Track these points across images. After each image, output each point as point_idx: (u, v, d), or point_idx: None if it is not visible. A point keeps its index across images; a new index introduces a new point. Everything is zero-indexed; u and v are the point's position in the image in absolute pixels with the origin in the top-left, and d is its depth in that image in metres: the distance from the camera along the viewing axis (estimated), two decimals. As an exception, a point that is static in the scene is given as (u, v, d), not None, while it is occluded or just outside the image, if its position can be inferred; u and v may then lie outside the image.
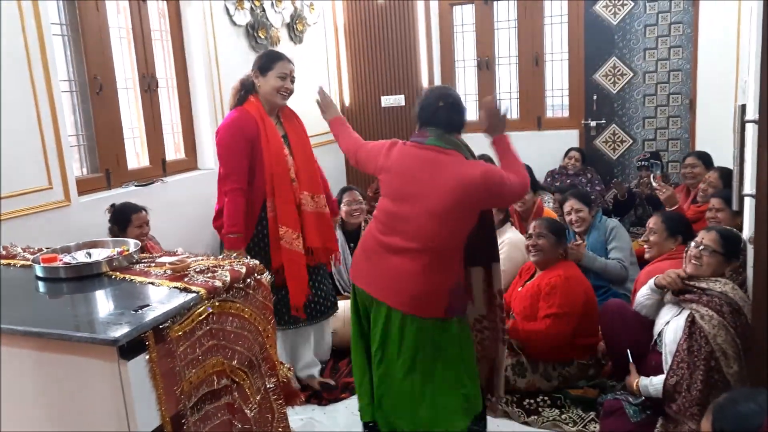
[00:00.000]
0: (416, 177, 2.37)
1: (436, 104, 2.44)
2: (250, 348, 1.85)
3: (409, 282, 2.35)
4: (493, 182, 2.31)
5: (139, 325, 1.47)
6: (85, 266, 1.87)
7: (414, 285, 2.35)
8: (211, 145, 4.52)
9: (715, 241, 2.66)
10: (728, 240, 2.66)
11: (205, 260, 1.92)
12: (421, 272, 2.34)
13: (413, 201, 2.36)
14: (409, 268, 2.35)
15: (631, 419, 2.67)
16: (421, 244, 2.34)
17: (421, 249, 2.34)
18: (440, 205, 2.31)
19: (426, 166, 2.36)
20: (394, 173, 2.45)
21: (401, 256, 2.37)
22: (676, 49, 5.66)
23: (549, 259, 3.23)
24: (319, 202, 3.14)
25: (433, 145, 2.39)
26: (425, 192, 2.34)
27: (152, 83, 4.16)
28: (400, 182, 2.42)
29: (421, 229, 2.33)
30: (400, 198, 2.41)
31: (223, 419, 1.74)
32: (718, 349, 2.39)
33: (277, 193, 2.98)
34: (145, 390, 1.49)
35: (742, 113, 1.88)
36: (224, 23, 4.59)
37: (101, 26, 3.77)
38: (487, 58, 6.26)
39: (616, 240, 3.88)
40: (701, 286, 2.55)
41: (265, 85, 3.00)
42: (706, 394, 2.39)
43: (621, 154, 6.02)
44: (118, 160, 3.90)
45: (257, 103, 3.01)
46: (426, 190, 2.34)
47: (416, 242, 2.34)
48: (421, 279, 2.35)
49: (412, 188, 2.38)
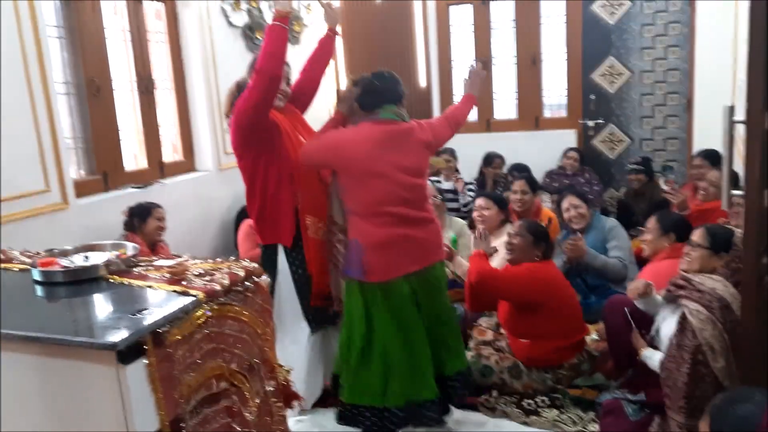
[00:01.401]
0: (389, 149, 2.67)
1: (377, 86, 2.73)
2: (249, 351, 1.84)
3: (431, 231, 2.77)
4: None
5: (137, 330, 1.46)
6: (83, 270, 1.86)
7: (432, 233, 2.78)
8: (209, 147, 4.52)
9: (700, 236, 2.70)
10: (714, 235, 2.68)
11: (203, 263, 1.91)
12: (429, 219, 2.77)
13: (392, 169, 2.64)
14: (423, 220, 2.73)
15: (630, 418, 2.69)
16: (423, 200, 2.77)
17: (426, 205, 2.78)
18: (415, 165, 2.71)
19: (391, 136, 2.69)
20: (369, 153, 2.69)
21: (415, 219, 2.70)
22: (673, 49, 5.67)
23: (522, 259, 3.22)
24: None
25: (383, 120, 2.69)
26: (398, 157, 2.66)
27: (149, 85, 4.15)
28: (377, 158, 2.67)
29: (418, 190, 2.73)
30: (383, 173, 2.64)
31: (223, 423, 1.73)
32: (705, 343, 2.40)
33: (302, 180, 2.86)
34: (143, 394, 1.48)
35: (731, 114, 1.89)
36: (221, 24, 4.59)
37: (98, 28, 3.77)
38: (485, 58, 6.25)
39: (616, 239, 3.87)
40: (694, 282, 2.56)
41: None
42: (692, 388, 2.40)
43: (619, 154, 6.03)
44: (116, 162, 3.90)
45: None
46: (398, 156, 2.66)
47: (421, 201, 2.75)
48: (433, 226, 2.79)
49: (386, 158, 2.65)
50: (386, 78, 2.74)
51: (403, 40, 6.00)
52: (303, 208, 2.88)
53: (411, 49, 6.03)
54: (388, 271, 2.65)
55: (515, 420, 3.00)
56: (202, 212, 4.35)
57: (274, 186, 2.87)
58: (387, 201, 2.63)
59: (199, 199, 4.33)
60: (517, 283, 3.13)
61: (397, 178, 2.63)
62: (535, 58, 6.10)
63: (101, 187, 3.78)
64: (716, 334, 2.40)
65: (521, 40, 6.13)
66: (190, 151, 4.54)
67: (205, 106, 4.47)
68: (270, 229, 2.95)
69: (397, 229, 2.64)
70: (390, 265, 2.65)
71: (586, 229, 3.96)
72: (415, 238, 2.68)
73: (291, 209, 2.88)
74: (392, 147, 2.65)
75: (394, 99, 2.71)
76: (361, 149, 2.63)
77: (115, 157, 3.89)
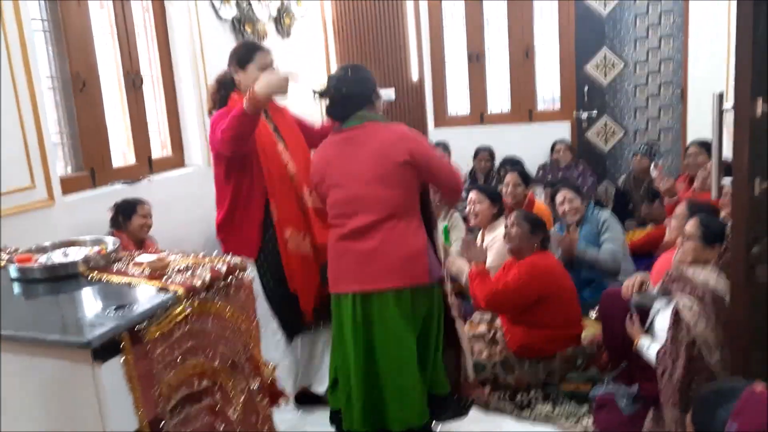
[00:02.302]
0: (346, 155, 2.46)
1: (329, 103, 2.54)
2: (232, 348, 1.81)
3: (401, 253, 2.41)
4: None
5: (113, 327, 1.43)
6: (61, 266, 1.83)
7: (405, 253, 2.41)
8: (198, 142, 4.47)
9: (693, 226, 2.67)
10: (707, 226, 2.65)
11: (185, 259, 1.87)
12: (401, 238, 2.40)
13: (352, 179, 2.44)
14: (389, 238, 2.40)
15: (623, 411, 2.68)
16: (383, 212, 2.40)
17: (385, 217, 2.40)
18: (377, 169, 2.40)
19: (349, 143, 2.47)
20: (327, 165, 2.53)
21: (370, 233, 2.41)
22: (667, 39, 5.62)
23: (522, 248, 3.22)
24: (317, 197, 2.96)
25: (346, 128, 2.49)
26: (360, 165, 2.43)
27: (137, 80, 4.10)
28: (336, 167, 2.49)
29: (377, 198, 2.40)
30: (341, 184, 2.47)
31: (205, 421, 1.70)
32: (699, 337, 2.40)
33: (277, 192, 2.81)
34: (121, 393, 1.45)
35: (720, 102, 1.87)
36: (210, 18, 4.53)
37: (83, 22, 3.71)
38: (478, 51, 6.21)
39: (609, 231, 3.84)
40: (687, 274, 2.54)
41: (246, 79, 2.80)
42: (687, 382, 2.40)
43: (613, 146, 5.99)
44: (103, 159, 3.85)
45: (240, 99, 2.78)
46: (359, 164, 2.43)
47: (378, 213, 2.40)
48: (408, 245, 2.41)
49: (348, 167, 2.45)
50: (352, 81, 2.52)
51: (395, 33, 5.95)
52: (281, 221, 2.82)
53: (403, 42, 5.98)
54: (334, 283, 2.51)
55: (509, 415, 2.98)
56: (193, 208, 4.30)
57: (244, 198, 2.83)
58: (337, 209, 2.49)
59: (189, 195, 4.28)
60: (524, 289, 3.09)
61: (350, 186, 2.45)
62: (528, 50, 6.05)
63: (89, 184, 3.73)
64: (710, 327, 2.39)
65: (514, 33, 6.08)
66: (179, 146, 4.49)
67: (193, 100, 4.42)
68: (234, 240, 2.87)
69: (342, 241, 2.47)
70: (335, 277, 2.51)
71: (580, 222, 3.94)
72: (360, 252, 2.42)
73: (259, 221, 2.84)
74: (349, 154, 2.47)
75: (362, 103, 2.51)
76: (320, 169, 2.55)
77: (102, 153, 3.84)
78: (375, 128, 2.47)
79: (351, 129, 2.48)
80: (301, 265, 2.85)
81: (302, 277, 2.87)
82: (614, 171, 5.96)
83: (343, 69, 2.65)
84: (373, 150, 2.42)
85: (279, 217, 2.82)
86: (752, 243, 1.63)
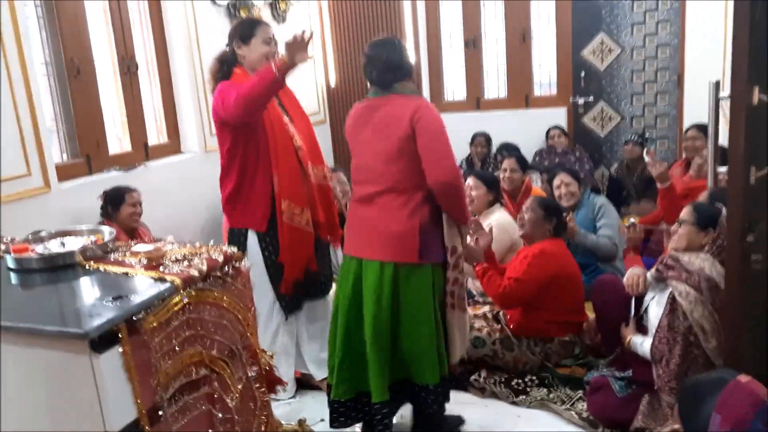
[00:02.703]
0: (363, 124, 2.53)
1: (368, 66, 2.55)
2: (229, 337, 1.81)
3: (392, 229, 2.44)
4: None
5: (110, 318, 1.43)
6: (58, 256, 1.82)
7: (396, 231, 2.43)
8: (194, 128, 4.45)
9: (687, 212, 2.68)
10: (700, 211, 2.66)
11: (181, 249, 1.87)
12: (397, 213, 2.44)
13: (366, 146, 2.52)
14: (386, 211, 2.45)
15: (617, 394, 2.70)
16: (383, 184, 2.46)
17: (384, 190, 2.46)
18: (382, 142, 2.46)
19: (369, 112, 2.53)
20: (350, 129, 2.62)
21: (372, 202, 2.49)
22: (664, 24, 5.60)
23: (535, 233, 3.24)
24: (319, 173, 2.98)
25: (372, 97, 2.55)
26: (372, 135, 2.50)
27: (131, 65, 4.08)
28: (354, 134, 2.59)
29: (379, 170, 2.47)
30: (357, 148, 2.58)
31: (203, 410, 1.71)
32: (696, 324, 2.41)
33: (281, 164, 2.82)
34: (119, 383, 1.46)
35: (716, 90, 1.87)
36: (205, 3, 4.49)
37: (77, 8, 3.69)
38: (474, 36, 6.18)
39: (606, 217, 3.86)
40: (682, 261, 2.55)
41: (251, 53, 2.83)
42: (684, 369, 2.42)
43: (609, 132, 5.99)
44: (99, 145, 3.84)
45: (244, 75, 2.82)
46: (371, 134, 2.50)
47: (380, 184, 2.47)
48: (400, 221, 2.43)
49: (362, 136, 2.54)
50: (397, 51, 2.52)
51: (391, 18, 5.92)
52: (281, 192, 2.83)
53: (400, 27, 5.95)
54: (345, 244, 2.62)
55: (504, 400, 3.00)
56: (189, 195, 4.29)
57: (252, 168, 2.83)
58: (354, 174, 2.60)
59: (186, 182, 4.27)
60: (531, 282, 3.09)
61: (362, 154, 2.56)
62: (524, 36, 6.02)
63: (84, 171, 3.73)
64: (706, 314, 2.41)
65: (510, 18, 6.05)
66: (175, 132, 4.47)
67: (189, 86, 4.39)
68: (241, 212, 2.90)
69: (354, 205, 2.59)
70: (347, 238, 2.62)
71: (576, 206, 3.96)
72: (361, 218, 2.54)
73: (267, 193, 2.85)
74: (363, 123, 2.54)
75: (400, 76, 2.51)
76: (347, 134, 2.64)
77: (98, 139, 3.82)
78: (396, 101, 2.48)
79: (373, 99, 2.54)
80: (289, 237, 2.86)
81: (290, 249, 2.88)
82: (611, 156, 5.97)
83: (391, 38, 2.67)
84: (383, 122, 2.47)
85: (279, 188, 2.83)
86: (747, 231, 1.63)
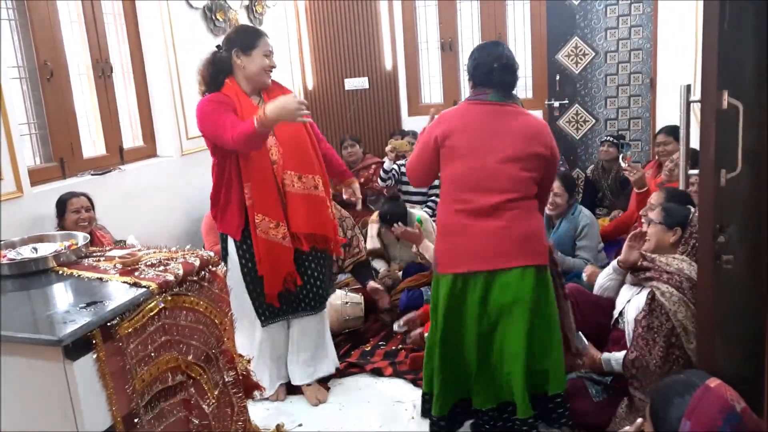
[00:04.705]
0: (488, 128, 2.42)
1: (491, 66, 2.47)
2: (206, 342, 1.80)
3: (527, 232, 2.39)
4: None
5: (84, 324, 1.42)
6: (31, 262, 1.80)
7: (530, 232, 2.40)
8: (170, 132, 4.42)
9: (656, 212, 2.71)
10: (667, 210, 2.70)
11: (157, 253, 1.86)
12: (526, 218, 2.40)
13: (492, 152, 2.39)
14: (518, 217, 2.38)
15: (593, 399, 2.69)
16: (516, 192, 2.38)
17: (518, 197, 2.38)
18: (518, 150, 2.38)
19: (495, 116, 2.44)
20: (462, 131, 2.45)
21: (502, 212, 2.37)
22: (636, 29, 5.68)
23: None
24: (308, 182, 2.88)
25: (494, 101, 2.46)
26: (501, 141, 2.39)
27: (106, 69, 4.04)
28: (472, 137, 2.43)
29: (511, 177, 2.38)
30: (475, 153, 2.41)
31: (179, 416, 1.70)
32: (678, 325, 2.41)
33: (253, 177, 2.77)
34: (93, 390, 1.44)
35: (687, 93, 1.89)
36: (180, 6, 4.47)
37: (50, 10, 3.64)
38: (450, 39, 6.21)
39: (587, 239, 3.77)
40: (660, 262, 2.57)
41: (250, 64, 2.77)
42: (665, 370, 2.41)
43: (584, 134, 6.05)
44: (73, 149, 3.79)
45: (234, 85, 2.78)
46: (501, 139, 2.39)
47: (511, 192, 2.37)
48: (531, 225, 2.41)
49: (486, 140, 2.41)
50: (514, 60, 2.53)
51: (368, 22, 5.93)
52: (252, 205, 2.79)
53: (377, 31, 5.96)
54: (449, 263, 2.43)
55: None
56: (166, 199, 4.26)
57: (227, 178, 2.81)
58: (461, 182, 2.44)
59: (162, 186, 4.24)
60: None
61: (483, 159, 2.40)
62: (500, 39, 6.06)
63: (58, 174, 3.68)
64: (689, 315, 2.40)
65: (486, 22, 6.09)
66: (151, 136, 4.43)
67: (165, 89, 4.36)
68: (221, 218, 2.89)
69: (464, 218, 2.40)
70: (454, 257, 2.42)
71: (560, 216, 3.87)
72: (486, 230, 2.37)
73: (240, 205, 2.82)
74: (491, 127, 2.44)
75: (515, 83, 2.54)
76: (452, 129, 2.50)
77: (72, 143, 3.78)
78: (518, 111, 2.47)
79: (498, 104, 2.45)
80: (267, 252, 2.82)
81: (269, 262, 2.84)
82: (585, 159, 6.03)
83: (499, 45, 2.61)
84: (520, 132, 2.41)
85: (252, 202, 2.79)
86: (717, 233, 1.66)
